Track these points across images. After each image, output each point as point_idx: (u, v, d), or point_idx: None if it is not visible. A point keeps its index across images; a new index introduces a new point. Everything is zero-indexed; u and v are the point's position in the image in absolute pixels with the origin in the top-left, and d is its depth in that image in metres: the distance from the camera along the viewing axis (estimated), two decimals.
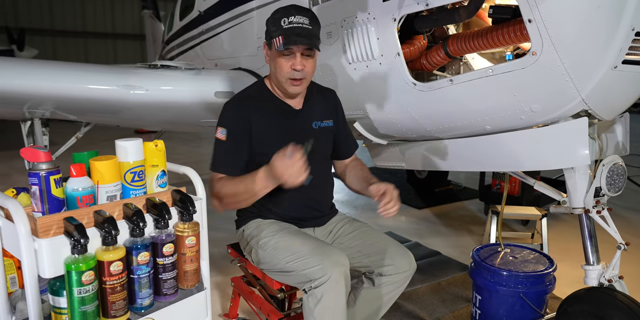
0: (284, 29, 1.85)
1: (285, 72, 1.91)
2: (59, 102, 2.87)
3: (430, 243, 3.91)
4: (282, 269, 1.85)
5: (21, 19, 17.13)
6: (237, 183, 1.85)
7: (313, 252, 1.78)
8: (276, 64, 1.92)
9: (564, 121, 1.93)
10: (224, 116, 1.97)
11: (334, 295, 1.71)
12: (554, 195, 2.23)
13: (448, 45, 2.15)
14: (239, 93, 2.08)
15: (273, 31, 1.88)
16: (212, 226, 1.80)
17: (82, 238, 1.28)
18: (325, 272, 1.70)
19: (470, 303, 2.67)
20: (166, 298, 1.52)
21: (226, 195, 1.87)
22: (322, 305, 1.70)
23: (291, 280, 1.87)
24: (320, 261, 1.73)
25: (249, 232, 2.04)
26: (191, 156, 7.98)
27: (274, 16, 1.90)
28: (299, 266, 1.78)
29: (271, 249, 1.90)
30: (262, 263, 1.95)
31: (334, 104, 2.18)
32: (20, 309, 1.42)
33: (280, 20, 1.86)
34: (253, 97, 2.02)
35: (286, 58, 1.89)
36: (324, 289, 1.70)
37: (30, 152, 1.36)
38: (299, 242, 1.86)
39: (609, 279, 2.02)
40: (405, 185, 5.79)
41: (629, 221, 4.49)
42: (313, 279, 1.72)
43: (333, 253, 1.79)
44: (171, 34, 5.26)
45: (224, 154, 1.94)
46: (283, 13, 1.88)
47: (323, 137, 2.10)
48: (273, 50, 1.92)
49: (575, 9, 1.66)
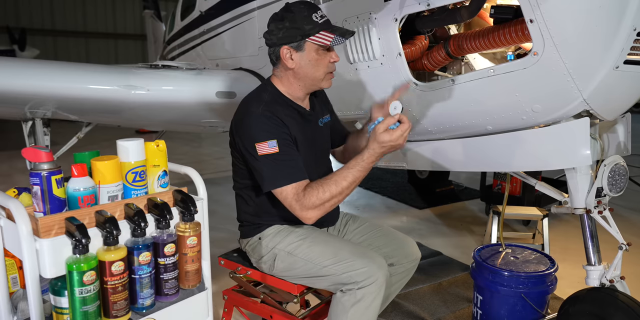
0: (322, 24, 1.81)
1: (326, 67, 1.88)
2: (60, 102, 2.87)
3: (432, 243, 3.91)
4: (317, 274, 1.83)
5: (22, 19, 17.14)
6: (338, 180, 1.73)
7: (355, 254, 1.79)
8: (315, 62, 1.85)
9: (566, 121, 1.93)
10: (264, 128, 1.78)
11: (374, 298, 1.73)
12: (556, 196, 2.23)
13: (449, 46, 2.15)
14: (253, 100, 1.90)
15: (310, 29, 1.80)
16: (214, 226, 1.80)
17: (84, 238, 1.28)
18: (371, 275, 1.71)
19: (471, 303, 2.67)
20: (167, 298, 1.52)
21: (333, 196, 1.72)
22: (360, 306, 1.71)
23: (323, 283, 1.85)
24: (366, 264, 1.74)
25: (270, 239, 1.96)
26: (192, 156, 7.99)
27: (300, 14, 1.81)
28: (340, 269, 1.76)
29: (303, 254, 1.86)
30: (290, 269, 1.89)
31: (323, 96, 2.16)
32: (22, 309, 1.42)
33: (311, 17, 1.80)
34: (273, 102, 1.88)
35: (323, 53, 1.85)
36: (367, 291, 1.71)
37: (31, 152, 1.36)
38: (336, 244, 1.85)
39: (611, 280, 2.02)
40: (406, 186, 5.79)
41: (630, 221, 4.48)
42: (356, 281, 1.72)
43: (375, 256, 1.81)
44: (172, 34, 5.26)
45: (289, 163, 1.77)
46: (307, 10, 1.82)
47: (326, 134, 2.10)
48: (307, 50, 1.83)
49: (577, 9, 1.66)
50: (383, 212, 4.90)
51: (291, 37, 1.82)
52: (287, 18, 1.82)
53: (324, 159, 2.09)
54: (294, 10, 1.83)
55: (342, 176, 1.74)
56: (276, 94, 1.93)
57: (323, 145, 2.08)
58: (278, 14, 1.87)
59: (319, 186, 1.73)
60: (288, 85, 1.94)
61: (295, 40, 1.82)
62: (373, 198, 5.39)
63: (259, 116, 1.80)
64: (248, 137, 1.80)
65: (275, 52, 1.88)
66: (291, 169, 1.77)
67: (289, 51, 1.84)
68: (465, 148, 2.28)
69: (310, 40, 1.82)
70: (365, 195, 5.51)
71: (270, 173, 1.77)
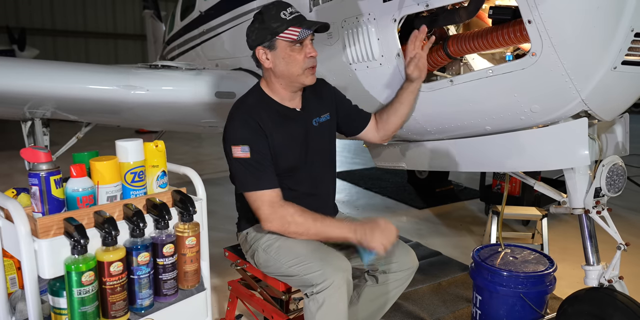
0: (289, 21, 1.83)
1: (302, 63, 1.88)
2: (60, 102, 2.87)
3: (431, 243, 3.91)
4: (285, 273, 1.85)
5: (22, 19, 17.15)
6: (313, 222, 1.81)
7: (314, 256, 1.78)
8: (289, 59, 1.86)
9: (564, 122, 1.93)
10: (237, 133, 1.85)
11: (336, 301, 1.71)
12: (554, 196, 2.23)
13: (448, 46, 2.14)
14: (239, 104, 1.96)
15: (277, 27, 1.82)
16: (212, 226, 1.80)
17: (82, 238, 1.28)
18: (326, 278, 1.70)
19: (470, 303, 2.67)
20: (166, 298, 1.53)
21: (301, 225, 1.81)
22: (324, 311, 1.70)
23: (293, 283, 1.88)
24: (322, 266, 1.73)
25: (253, 235, 2.02)
26: (192, 157, 7.99)
27: (268, 13, 1.84)
28: (301, 270, 1.77)
29: (274, 252, 1.89)
30: (267, 266, 1.94)
31: (327, 93, 2.14)
32: (20, 309, 1.42)
33: (279, 15, 1.83)
34: (256, 106, 1.92)
35: (297, 49, 1.86)
36: (326, 295, 1.70)
37: (30, 153, 1.36)
38: (301, 245, 1.85)
39: (609, 280, 2.02)
40: (406, 186, 5.80)
41: (628, 221, 4.49)
42: (315, 284, 1.72)
43: (335, 258, 1.79)
44: (172, 34, 5.26)
45: (257, 170, 1.83)
46: (275, 8, 1.85)
47: (322, 134, 2.07)
48: (279, 48, 1.86)
49: (575, 10, 1.66)
50: (383, 212, 4.90)
51: (262, 37, 1.86)
52: (257, 19, 1.88)
53: (318, 158, 2.05)
54: (263, 11, 1.87)
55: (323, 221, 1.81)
56: (261, 96, 1.97)
57: (318, 145, 2.04)
58: (252, 18, 1.91)
59: (301, 210, 1.82)
60: (272, 86, 1.97)
61: (266, 40, 1.86)
62: (373, 198, 5.40)
63: (238, 120, 1.88)
64: (227, 138, 1.87)
65: (254, 55, 1.93)
66: (259, 176, 1.83)
67: (263, 52, 1.89)
68: (464, 148, 2.28)
69: (280, 37, 1.84)
70: (365, 195, 5.52)
71: (240, 176, 1.86)
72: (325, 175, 2.10)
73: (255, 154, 1.83)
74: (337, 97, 2.18)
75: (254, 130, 1.86)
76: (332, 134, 2.15)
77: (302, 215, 1.81)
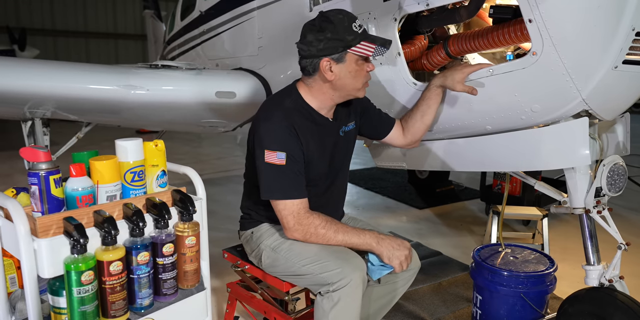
0: (361, 34, 1.77)
1: (364, 78, 1.86)
2: (60, 102, 2.87)
3: (431, 243, 3.91)
4: (296, 272, 1.84)
5: (22, 19, 17.15)
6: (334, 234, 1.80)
7: (332, 255, 1.78)
8: (355, 73, 1.81)
9: (565, 121, 1.93)
10: (275, 137, 1.79)
11: (352, 300, 1.71)
12: (555, 196, 2.23)
13: (449, 45, 2.14)
14: (277, 106, 1.88)
15: (352, 40, 1.75)
16: (212, 226, 1.80)
17: (82, 238, 1.28)
18: (344, 276, 1.70)
19: (471, 303, 2.67)
20: (166, 298, 1.52)
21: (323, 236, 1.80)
22: (339, 309, 1.70)
23: (304, 282, 1.86)
24: (340, 265, 1.73)
25: (259, 235, 2.00)
26: (192, 157, 7.98)
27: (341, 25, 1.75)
28: (316, 269, 1.76)
29: (284, 252, 1.88)
30: (274, 266, 1.92)
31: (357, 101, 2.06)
32: (20, 309, 1.42)
33: (351, 27, 1.75)
34: (294, 111, 1.86)
35: (361, 64, 1.82)
36: (343, 293, 1.69)
37: (29, 152, 1.36)
38: (316, 245, 1.84)
39: (610, 279, 2.01)
40: (406, 186, 5.79)
41: (629, 221, 4.48)
42: (331, 283, 1.71)
43: (352, 257, 1.79)
44: (172, 34, 5.26)
45: (289, 179, 1.79)
46: (347, 20, 1.77)
47: (346, 143, 2.06)
48: (348, 61, 1.79)
49: (576, 9, 1.66)
50: (383, 212, 4.90)
51: (333, 48, 1.77)
52: (327, 29, 1.75)
53: (339, 166, 2.04)
54: (333, 20, 1.75)
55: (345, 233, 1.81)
56: (299, 101, 1.90)
57: (341, 154, 2.03)
58: (315, 24, 1.79)
59: (325, 221, 1.81)
60: (318, 95, 1.89)
61: (337, 52, 1.77)
62: (373, 198, 5.39)
63: (278, 126, 1.80)
64: (262, 140, 1.80)
65: (313, 64, 1.82)
66: (290, 185, 1.79)
67: (328, 63, 1.79)
68: (465, 148, 2.28)
69: (352, 51, 1.77)
70: (365, 195, 5.51)
71: (269, 182, 1.80)
72: (342, 183, 2.11)
73: (291, 162, 1.78)
74: (363, 103, 2.15)
75: (293, 136, 1.81)
76: (353, 142, 2.14)
77: (325, 226, 1.80)
